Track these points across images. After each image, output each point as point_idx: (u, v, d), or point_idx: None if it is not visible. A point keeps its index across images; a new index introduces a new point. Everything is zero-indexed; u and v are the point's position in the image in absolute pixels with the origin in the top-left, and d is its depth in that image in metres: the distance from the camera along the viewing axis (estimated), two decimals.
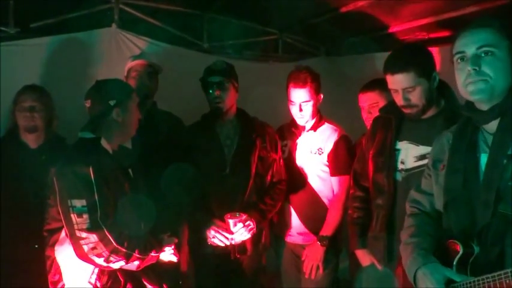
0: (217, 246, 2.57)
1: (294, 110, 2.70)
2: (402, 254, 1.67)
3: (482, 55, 1.46)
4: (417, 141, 2.07)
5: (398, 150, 2.12)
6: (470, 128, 1.57)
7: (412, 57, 2.04)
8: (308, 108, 2.68)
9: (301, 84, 2.64)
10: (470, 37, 1.49)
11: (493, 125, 1.50)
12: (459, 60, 1.51)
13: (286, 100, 2.78)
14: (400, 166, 2.11)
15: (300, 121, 2.73)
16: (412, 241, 1.64)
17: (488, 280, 1.35)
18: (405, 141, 2.11)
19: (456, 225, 1.53)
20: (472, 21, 1.52)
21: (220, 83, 2.61)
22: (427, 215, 1.73)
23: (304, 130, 2.78)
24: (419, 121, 2.09)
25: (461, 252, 1.47)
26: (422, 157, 2.02)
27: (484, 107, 1.50)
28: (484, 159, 1.50)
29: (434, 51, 2.23)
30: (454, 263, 1.48)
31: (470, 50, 1.47)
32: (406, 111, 2.05)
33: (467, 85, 1.49)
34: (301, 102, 2.67)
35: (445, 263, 1.51)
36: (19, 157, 2.59)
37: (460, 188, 1.52)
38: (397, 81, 2.01)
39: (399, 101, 2.05)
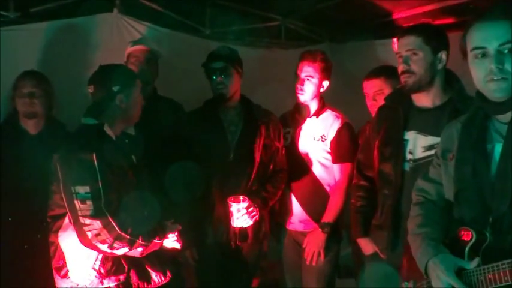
0: (219, 234, 2.57)
1: (297, 85, 2.70)
2: (411, 244, 1.67)
3: (505, 51, 1.41)
4: (425, 131, 2.06)
5: (407, 140, 2.10)
6: (479, 118, 1.55)
7: (426, 26, 2.11)
8: (310, 85, 2.68)
9: (311, 60, 2.68)
10: (491, 31, 1.42)
11: (507, 115, 1.48)
12: (479, 56, 1.45)
13: (288, 87, 2.77)
14: (408, 156, 2.09)
15: (299, 97, 2.72)
16: (421, 231, 1.64)
17: (498, 268, 1.36)
18: (413, 131, 2.09)
19: (468, 214, 1.53)
20: (487, 10, 1.46)
21: (223, 69, 2.58)
22: (432, 203, 1.72)
23: (307, 117, 2.77)
24: (427, 111, 2.08)
25: (473, 240, 1.46)
26: (430, 147, 2.01)
27: (500, 100, 1.47)
28: (498, 148, 1.48)
29: None
30: (466, 250, 1.48)
31: (493, 46, 1.41)
32: (404, 78, 2.05)
33: (487, 82, 1.44)
34: (305, 76, 2.68)
35: (457, 250, 1.51)
36: (19, 143, 2.57)
37: (470, 178, 1.51)
38: (404, 44, 2.05)
39: (400, 65, 2.06)
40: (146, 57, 2.77)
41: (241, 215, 2.46)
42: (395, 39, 2.18)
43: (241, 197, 2.47)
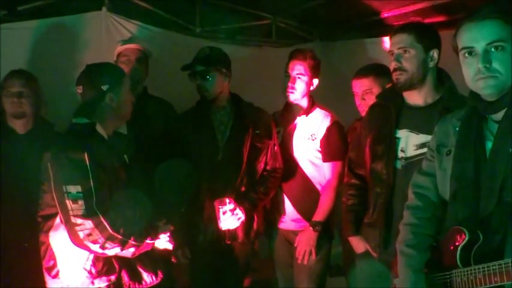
0: (209, 234, 2.57)
1: (286, 84, 2.70)
2: (398, 256, 1.72)
3: (492, 50, 1.44)
4: (417, 129, 2.06)
5: (399, 138, 2.11)
6: (477, 116, 1.56)
7: (418, 24, 2.13)
8: (301, 83, 2.69)
9: (301, 58, 2.69)
10: (479, 31, 1.45)
11: (499, 114, 1.49)
12: (467, 55, 1.49)
13: (279, 86, 2.76)
14: (400, 154, 2.09)
15: (290, 96, 2.72)
16: (407, 252, 1.68)
17: (489, 269, 1.38)
18: (405, 130, 2.10)
19: (463, 213, 1.53)
20: (476, 9, 1.48)
21: (202, 72, 2.58)
22: (428, 207, 1.71)
23: (297, 116, 2.76)
24: (419, 109, 2.09)
25: (466, 239, 1.47)
26: (422, 145, 2.01)
27: (492, 99, 1.49)
28: (488, 147, 1.50)
29: None
30: (459, 249, 1.49)
31: (480, 46, 1.44)
32: (395, 75, 2.06)
33: (477, 81, 1.47)
34: (295, 74, 2.68)
35: (450, 249, 1.53)
36: (6, 143, 2.54)
37: (470, 176, 1.51)
38: (396, 42, 2.06)
39: (392, 63, 2.07)
40: (137, 57, 2.76)
41: (227, 217, 2.47)
42: (387, 38, 2.18)
43: (227, 200, 2.47)
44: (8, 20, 2.95)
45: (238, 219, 2.52)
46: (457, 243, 1.49)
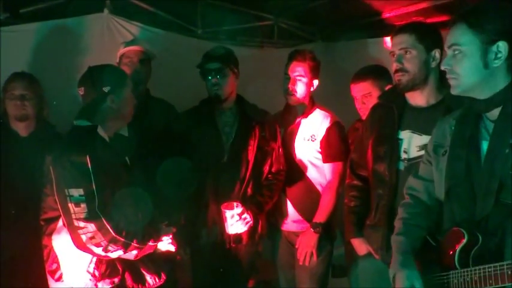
0: (212, 236, 2.57)
1: (287, 85, 2.69)
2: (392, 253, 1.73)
3: (455, 53, 1.52)
4: (420, 130, 2.05)
5: (401, 139, 2.10)
6: (473, 115, 1.57)
7: (419, 24, 2.14)
8: (301, 85, 2.68)
9: (301, 59, 2.68)
10: (450, 35, 1.55)
11: (495, 113, 1.50)
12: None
13: (281, 87, 2.75)
14: (403, 155, 2.08)
15: (290, 98, 2.71)
16: (396, 240, 1.71)
17: (485, 271, 1.39)
18: (407, 131, 2.09)
19: (459, 213, 1.53)
20: (466, 7, 1.54)
21: (218, 70, 2.57)
22: (419, 204, 1.74)
23: (297, 117, 2.76)
24: (422, 110, 2.08)
25: (465, 241, 1.47)
26: (425, 146, 1.98)
27: (482, 96, 1.52)
28: (484, 146, 1.50)
29: None
30: (457, 251, 1.49)
31: (448, 49, 1.55)
32: (397, 76, 2.06)
33: (448, 80, 1.58)
34: (296, 76, 2.66)
35: (448, 251, 1.52)
36: (9, 145, 2.54)
37: (462, 175, 1.52)
38: (397, 42, 2.06)
39: (393, 64, 2.07)
40: (140, 58, 2.75)
41: (235, 221, 2.46)
42: (388, 38, 2.17)
43: (235, 203, 2.46)
44: (10, 22, 2.95)
45: (247, 223, 2.50)
46: (456, 245, 1.49)
